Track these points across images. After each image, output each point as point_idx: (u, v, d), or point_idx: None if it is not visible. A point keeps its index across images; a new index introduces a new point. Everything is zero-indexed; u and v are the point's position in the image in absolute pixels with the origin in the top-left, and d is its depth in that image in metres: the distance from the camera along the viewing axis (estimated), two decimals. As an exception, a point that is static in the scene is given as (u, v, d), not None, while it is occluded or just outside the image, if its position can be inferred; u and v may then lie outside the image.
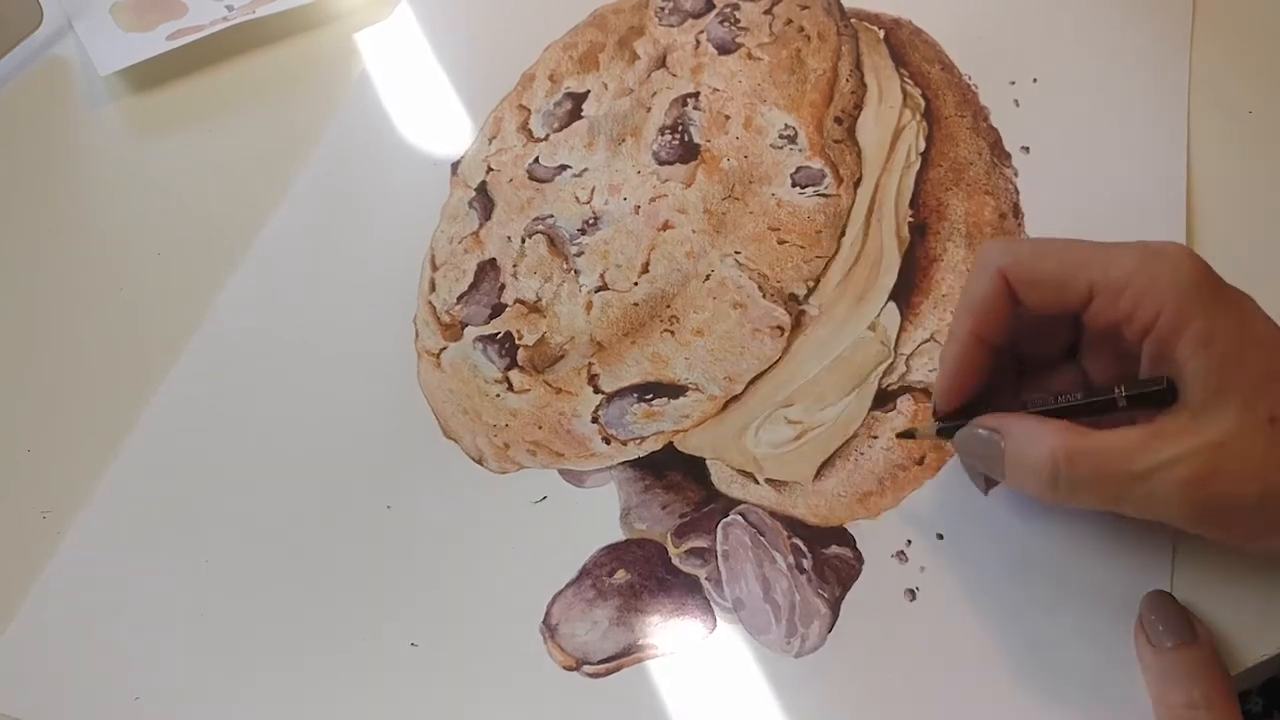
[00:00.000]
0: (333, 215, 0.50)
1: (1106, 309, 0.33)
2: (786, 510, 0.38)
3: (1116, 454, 0.31)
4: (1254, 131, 0.45)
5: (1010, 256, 0.34)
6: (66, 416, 0.46)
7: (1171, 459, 0.30)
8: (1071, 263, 0.33)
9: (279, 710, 0.37)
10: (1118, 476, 0.31)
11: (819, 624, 0.36)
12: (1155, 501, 0.31)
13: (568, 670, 0.36)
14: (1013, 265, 0.34)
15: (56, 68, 0.59)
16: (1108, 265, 0.32)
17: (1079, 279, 0.33)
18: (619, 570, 0.38)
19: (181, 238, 0.51)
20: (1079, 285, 0.33)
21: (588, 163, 0.49)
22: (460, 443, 0.42)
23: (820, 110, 0.48)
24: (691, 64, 0.51)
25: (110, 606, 0.40)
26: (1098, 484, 0.31)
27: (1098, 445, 0.31)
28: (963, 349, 0.35)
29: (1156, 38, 0.48)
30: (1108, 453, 0.31)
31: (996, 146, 0.46)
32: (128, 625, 0.39)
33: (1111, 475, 0.31)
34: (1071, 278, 0.33)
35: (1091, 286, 0.33)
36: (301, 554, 0.40)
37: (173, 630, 0.39)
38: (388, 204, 0.50)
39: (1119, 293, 0.32)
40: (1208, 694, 0.31)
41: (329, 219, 0.50)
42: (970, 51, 0.49)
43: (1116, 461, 0.31)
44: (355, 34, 0.57)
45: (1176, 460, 0.30)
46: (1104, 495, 0.32)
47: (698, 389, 0.41)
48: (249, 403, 0.44)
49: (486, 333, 0.45)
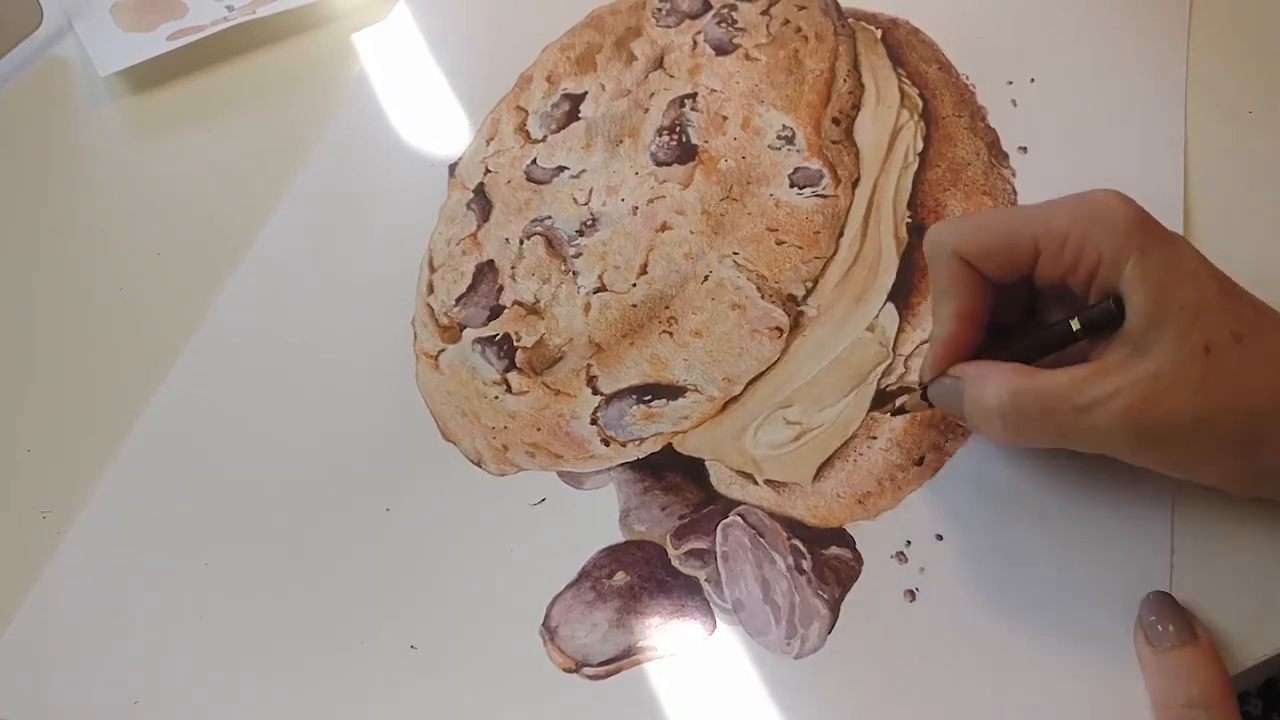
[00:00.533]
0: (331, 216, 0.50)
1: (1052, 263, 0.34)
2: (786, 511, 0.38)
3: (1060, 390, 0.32)
4: (1252, 131, 0.45)
5: (957, 236, 0.36)
6: (66, 416, 0.46)
7: (1111, 391, 0.31)
8: (1014, 227, 0.35)
9: (278, 712, 0.37)
10: (1062, 411, 0.32)
11: (819, 625, 0.36)
12: (1098, 433, 0.32)
13: (567, 672, 0.36)
14: (962, 244, 0.35)
15: (56, 68, 0.59)
16: (1047, 221, 0.34)
17: (1023, 239, 0.35)
18: (618, 572, 0.38)
19: (181, 238, 0.51)
20: (1024, 246, 0.35)
21: (585, 164, 0.49)
22: (459, 445, 0.42)
23: (818, 111, 0.48)
24: (689, 65, 0.51)
25: (109, 608, 0.40)
26: (1043, 420, 0.33)
27: (1042, 383, 0.33)
28: (950, 332, 0.36)
29: (1154, 38, 0.48)
30: (1051, 389, 0.33)
31: (994, 146, 0.46)
32: (127, 627, 0.39)
33: (1056, 411, 0.32)
34: (1016, 240, 0.35)
35: (1036, 244, 0.34)
36: (301, 556, 0.40)
37: (172, 632, 0.39)
38: (386, 205, 0.50)
39: (1061, 245, 0.34)
40: (1207, 693, 0.31)
41: (328, 220, 0.50)
42: (968, 51, 0.49)
43: (1060, 397, 0.32)
44: (353, 35, 0.57)
45: (1116, 392, 0.31)
46: (1050, 431, 0.33)
47: (696, 390, 0.41)
48: (248, 404, 0.44)
49: (485, 335, 0.45)
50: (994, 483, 0.38)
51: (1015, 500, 0.37)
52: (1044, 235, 0.34)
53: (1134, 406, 0.31)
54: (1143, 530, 0.36)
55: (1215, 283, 0.33)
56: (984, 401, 0.34)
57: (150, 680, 0.38)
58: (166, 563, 0.41)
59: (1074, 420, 0.32)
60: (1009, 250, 0.35)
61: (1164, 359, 0.31)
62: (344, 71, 0.56)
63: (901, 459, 0.39)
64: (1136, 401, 0.31)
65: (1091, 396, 0.32)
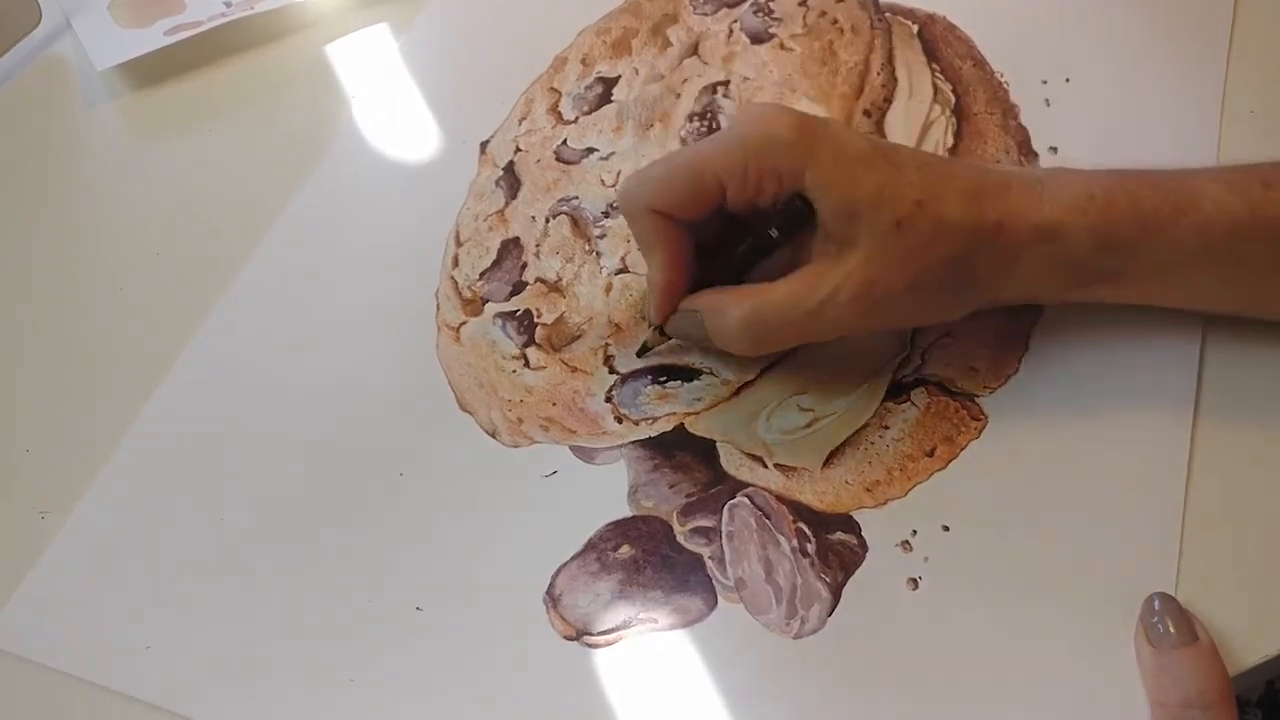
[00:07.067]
0: (361, 189, 0.51)
1: (739, 193, 0.37)
2: (793, 495, 0.38)
3: (791, 300, 0.36)
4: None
5: (648, 192, 0.38)
6: (66, 417, 0.45)
7: (834, 289, 0.36)
8: (697, 169, 0.37)
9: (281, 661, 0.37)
10: (797, 319, 0.36)
11: (819, 607, 0.36)
12: (836, 325, 0.37)
13: (568, 640, 0.36)
14: (655, 199, 0.37)
15: (55, 67, 0.59)
16: (725, 155, 0.37)
17: (708, 180, 0.37)
18: (624, 545, 0.38)
19: (182, 237, 0.50)
20: (710, 185, 0.37)
21: (615, 147, 0.49)
22: (475, 416, 0.43)
23: (850, 102, 0.48)
24: (723, 52, 0.52)
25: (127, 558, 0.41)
26: (784, 329, 0.37)
27: (773, 299, 0.37)
28: (666, 278, 0.39)
29: (1194, 42, 0.48)
30: (782, 303, 0.36)
31: (1024, 145, 0.46)
32: (143, 577, 0.40)
33: (791, 319, 0.37)
34: (702, 182, 0.37)
35: (719, 179, 0.37)
36: (314, 515, 0.41)
37: (185, 583, 0.40)
38: (417, 179, 0.51)
39: (742, 175, 0.36)
40: (1205, 694, 0.31)
41: (356, 193, 0.50)
42: (1003, 48, 0.49)
43: (792, 306, 0.36)
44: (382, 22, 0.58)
45: (838, 289, 0.36)
46: (792, 336, 0.38)
47: (711, 373, 0.42)
48: (271, 365, 0.45)
49: (506, 309, 0.45)
50: (1002, 478, 0.38)
51: (1023, 496, 0.37)
52: (724, 170, 0.36)
53: (857, 295, 0.35)
54: (1151, 529, 0.36)
55: (882, 160, 0.36)
56: (726, 327, 0.37)
57: (163, 628, 0.39)
58: (183, 516, 0.42)
59: (811, 321, 0.36)
60: (698, 193, 0.37)
61: (867, 245, 0.35)
62: (346, 67, 0.56)
63: (912, 449, 0.39)
64: (859, 289, 0.35)
65: (818, 299, 0.36)
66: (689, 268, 0.39)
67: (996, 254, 0.36)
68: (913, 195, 0.35)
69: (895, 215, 0.35)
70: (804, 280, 0.36)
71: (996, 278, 0.37)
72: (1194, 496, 0.36)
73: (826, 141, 0.36)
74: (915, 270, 0.35)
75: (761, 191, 0.37)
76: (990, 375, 0.40)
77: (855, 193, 0.35)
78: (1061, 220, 0.35)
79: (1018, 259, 0.36)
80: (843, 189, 0.35)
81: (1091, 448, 0.38)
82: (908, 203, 0.35)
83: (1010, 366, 0.40)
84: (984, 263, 0.36)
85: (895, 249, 0.35)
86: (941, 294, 0.37)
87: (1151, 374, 0.39)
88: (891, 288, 0.35)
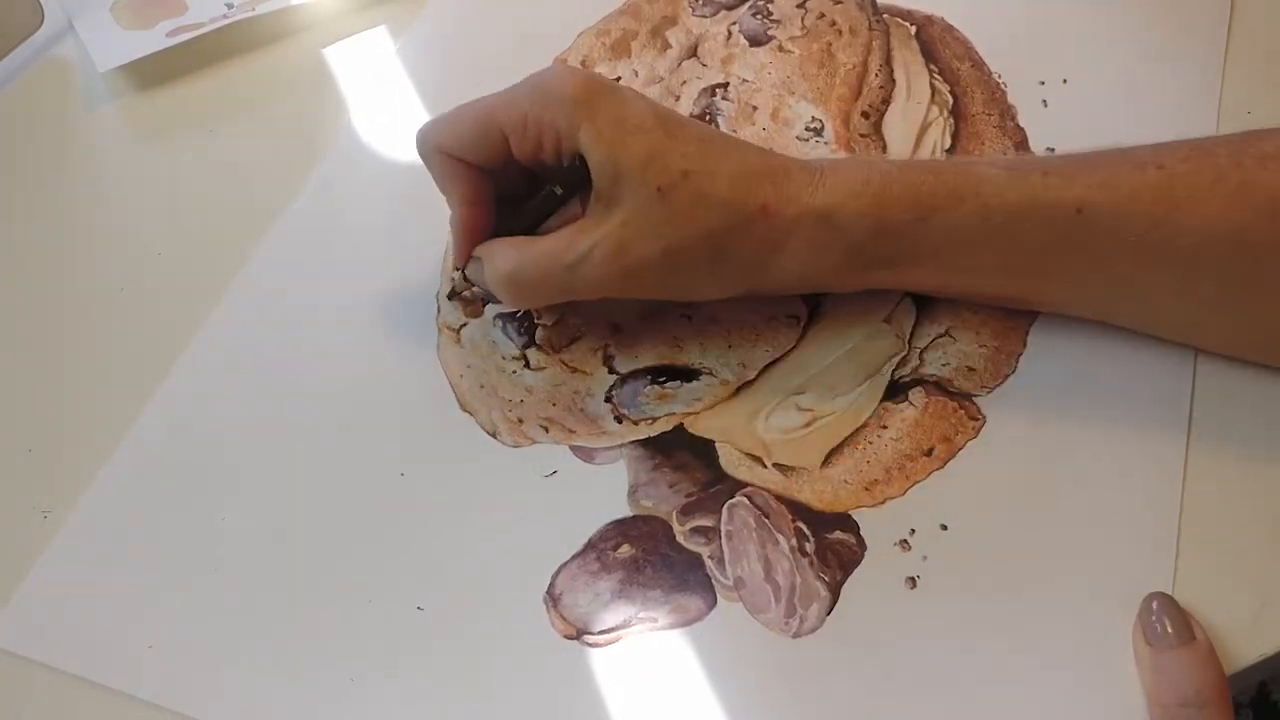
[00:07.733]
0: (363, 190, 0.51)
1: (521, 144, 0.38)
2: (792, 494, 0.39)
3: (551, 254, 0.37)
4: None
5: (437, 134, 0.39)
6: (67, 416, 0.45)
7: (590, 247, 0.36)
8: (483, 116, 0.38)
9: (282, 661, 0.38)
10: (556, 272, 0.37)
11: (818, 606, 0.36)
12: (590, 284, 0.37)
13: (568, 639, 0.36)
14: (443, 141, 0.39)
15: (58, 68, 0.59)
16: (510, 106, 0.37)
17: (493, 128, 0.38)
18: (624, 545, 0.38)
19: (183, 238, 0.50)
20: (495, 134, 0.38)
21: (615, 147, 0.49)
22: (476, 416, 0.43)
23: (848, 104, 0.49)
24: (722, 54, 0.52)
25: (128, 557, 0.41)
26: (544, 282, 0.38)
27: (536, 251, 0.38)
28: (461, 216, 0.40)
29: (1191, 44, 0.48)
30: (544, 255, 0.37)
31: (1022, 146, 0.46)
32: (144, 576, 0.40)
33: (552, 273, 0.37)
34: (487, 129, 0.38)
35: (503, 130, 0.38)
36: (314, 514, 0.41)
37: (186, 582, 0.40)
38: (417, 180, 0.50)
39: (523, 127, 0.37)
40: (1202, 694, 0.31)
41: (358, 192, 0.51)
42: (1001, 49, 0.49)
43: (552, 260, 0.37)
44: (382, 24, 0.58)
45: (594, 247, 0.36)
46: (553, 290, 0.38)
47: (711, 373, 0.42)
48: (271, 367, 0.45)
49: (506, 311, 0.45)
50: (1001, 477, 0.38)
51: (1022, 495, 0.37)
52: (507, 121, 0.37)
53: (611, 255, 0.36)
54: (1149, 529, 0.36)
55: (661, 128, 0.36)
56: (496, 274, 0.38)
57: (164, 627, 0.39)
58: (184, 516, 0.42)
59: (568, 277, 0.37)
60: (484, 139, 0.38)
61: (628, 208, 0.36)
62: (348, 66, 0.56)
63: (911, 449, 0.39)
64: (612, 250, 0.36)
65: (576, 254, 0.36)
66: (487, 208, 0.40)
67: (760, 236, 0.37)
68: (681, 165, 0.36)
69: (659, 182, 0.35)
70: (566, 236, 0.37)
71: (758, 260, 0.37)
72: (1190, 496, 0.36)
73: (608, 104, 0.36)
74: (670, 239, 0.36)
75: (541, 146, 0.37)
76: (988, 375, 0.40)
77: (621, 154, 0.36)
78: (834, 205, 0.36)
79: (784, 243, 0.37)
80: (611, 148, 0.36)
81: (1089, 448, 0.38)
82: (674, 172, 0.36)
83: (1008, 367, 0.40)
84: (745, 244, 0.37)
85: (653, 215, 0.36)
86: (697, 269, 0.37)
87: (1148, 374, 0.39)
88: (646, 253, 0.36)
